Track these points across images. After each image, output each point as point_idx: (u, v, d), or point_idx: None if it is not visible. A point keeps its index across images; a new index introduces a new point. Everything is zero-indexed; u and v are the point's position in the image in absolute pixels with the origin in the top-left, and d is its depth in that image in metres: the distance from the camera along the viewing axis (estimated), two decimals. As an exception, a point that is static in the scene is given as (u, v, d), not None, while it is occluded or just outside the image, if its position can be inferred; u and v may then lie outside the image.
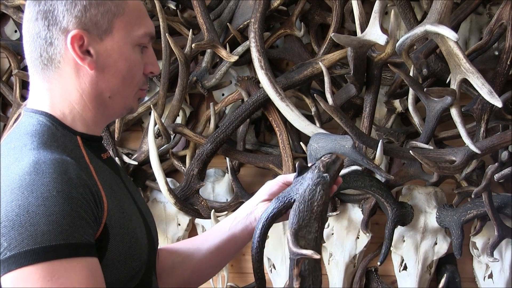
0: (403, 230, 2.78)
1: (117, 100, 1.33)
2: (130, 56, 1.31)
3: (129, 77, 1.32)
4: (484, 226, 2.74)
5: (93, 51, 1.28)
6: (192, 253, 1.60)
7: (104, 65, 1.29)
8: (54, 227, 1.12)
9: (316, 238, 1.37)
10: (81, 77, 1.30)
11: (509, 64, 2.47)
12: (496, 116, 2.55)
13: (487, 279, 2.82)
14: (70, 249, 1.13)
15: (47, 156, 1.18)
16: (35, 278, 1.10)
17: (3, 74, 2.92)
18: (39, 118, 1.29)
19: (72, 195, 1.15)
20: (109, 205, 1.24)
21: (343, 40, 2.31)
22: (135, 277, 1.29)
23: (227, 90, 2.94)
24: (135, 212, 1.36)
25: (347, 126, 2.38)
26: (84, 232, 1.15)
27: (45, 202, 1.12)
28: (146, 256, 1.34)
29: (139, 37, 1.31)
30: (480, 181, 2.51)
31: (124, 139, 2.99)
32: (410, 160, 2.54)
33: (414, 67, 2.44)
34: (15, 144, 1.24)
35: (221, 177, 2.93)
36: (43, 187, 1.13)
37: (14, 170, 1.16)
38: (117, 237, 1.24)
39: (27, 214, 1.11)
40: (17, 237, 1.11)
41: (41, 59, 1.31)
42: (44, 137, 1.25)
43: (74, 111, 1.31)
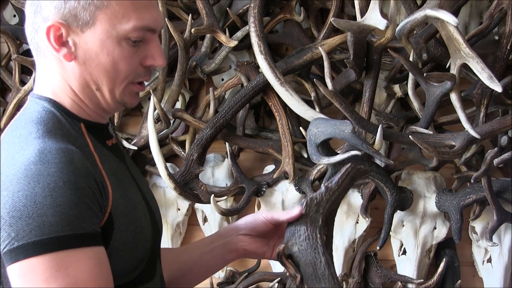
0: (402, 214, 2.78)
1: (104, 93, 1.31)
2: (114, 50, 1.27)
3: (113, 71, 1.29)
4: (483, 211, 2.75)
5: (72, 43, 1.26)
6: (177, 257, 1.61)
7: (85, 58, 1.27)
8: (61, 218, 1.12)
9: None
10: (64, 67, 1.29)
11: (509, 49, 2.47)
12: (495, 101, 2.55)
13: (486, 263, 2.83)
14: (77, 239, 1.13)
15: (53, 145, 1.18)
16: (43, 268, 1.11)
17: (2, 59, 2.92)
18: (44, 104, 1.29)
19: (79, 185, 1.15)
20: (113, 194, 1.24)
21: (342, 25, 2.30)
22: (139, 265, 1.30)
23: (227, 75, 2.93)
24: (140, 200, 1.36)
25: (346, 111, 2.38)
26: (90, 222, 1.16)
27: (52, 192, 1.12)
28: (150, 244, 1.34)
29: (127, 31, 1.26)
30: (480, 166, 2.51)
31: (124, 124, 2.99)
32: (410, 145, 2.54)
33: (414, 52, 2.43)
34: (21, 132, 1.23)
35: (220, 162, 2.93)
36: (50, 178, 1.13)
37: (19, 159, 1.16)
38: (122, 226, 1.24)
39: (34, 204, 1.11)
40: (24, 227, 1.11)
41: (33, 45, 1.31)
42: (49, 124, 1.24)
43: (70, 100, 1.31)
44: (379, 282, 2.82)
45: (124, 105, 1.36)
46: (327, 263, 1.28)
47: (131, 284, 1.29)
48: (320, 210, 1.39)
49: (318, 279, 1.28)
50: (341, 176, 1.47)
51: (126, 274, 1.27)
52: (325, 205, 1.39)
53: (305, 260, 1.31)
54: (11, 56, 2.76)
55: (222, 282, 2.90)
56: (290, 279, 2.79)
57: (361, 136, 2.48)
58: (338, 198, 1.44)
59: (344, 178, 1.46)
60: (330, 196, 1.42)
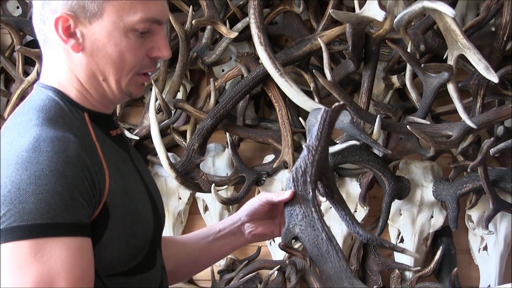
0: (400, 203, 2.79)
1: (111, 84, 1.31)
2: (121, 41, 1.27)
3: (120, 61, 1.28)
4: (480, 200, 2.75)
5: (80, 34, 1.26)
6: (170, 254, 1.59)
7: (92, 49, 1.27)
8: (42, 206, 1.12)
9: None
10: (71, 58, 1.29)
11: (506, 40, 2.47)
12: (492, 92, 2.56)
13: (482, 251, 2.84)
14: (56, 228, 1.13)
15: (49, 133, 1.18)
16: (19, 253, 1.11)
17: (6, 50, 2.92)
18: (48, 93, 1.29)
19: (66, 174, 1.14)
20: (111, 184, 1.23)
21: (341, 16, 2.31)
22: (138, 255, 1.30)
23: (227, 66, 2.93)
24: (141, 190, 1.35)
25: (345, 101, 2.38)
26: (75, 212, 1.15)
27: (37, 180, 1.12)
28: (150, 234, 1.33)
29: (134, 22, 1.26)
30: (476, 155, 2.51)
31: (126, 115, 2.99)
32: (407, 135, 2.54)
33: (412, 43, 2.43)
34: (22, 119, 1.24)
35: (221, 151, 2.93)
36: (37, 165, 1.13)
37: (15, 146, 1.16)
38: (118, 216, 1.24)
39: (18, 191, 1.12)
40: (6, 213, 1.11)
41: (40, 36, 1.31)
42: (51, 112, 1.24)
43: (76, 90, 1.31)
44: (377, 270, 2.83)
45: (130, 96, 1.35)
46: (328, 238, 1.25)
47: (131, 272, 1.29)
48: (308, 179, 1.35)
49: (324, 258, 1.25)
50: (318, 127, 1.36)
51: (124, 263, 1.27)
52: (311, 170, 1.35)
53: (308, 240, 1.28)
54: (15, 47, 2.76)
55: (223, 269, 2.91)
56: (290, 267, 2.80)
57: (360, 126, 2.49)
58: (323, 152, 1.37)
59: (322, 128, 1.36)
60: (314, 155, 1.35)
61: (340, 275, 1.20)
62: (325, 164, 1.38)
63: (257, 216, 1.57)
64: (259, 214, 1.57)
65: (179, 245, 1.63)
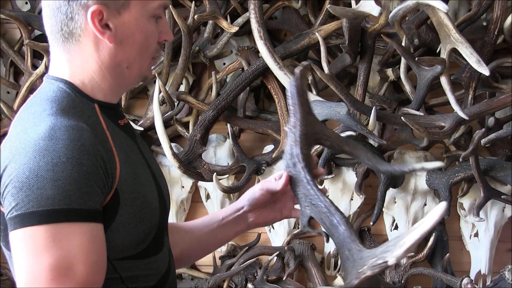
0: (394, 192, 2.80)
1: (133, 70, 1.33)
2: (146, 27, 1.30)
3: (145, 47, 1.32)
4: (471, 188, 2.76)
5: (112, 25, 1.27)
6: (175, 240, 1.60)
7: (123, 38, 1.29)
8: (59, 192, 1.12)
9: None
10: (100, 50, 1.29)
11: (497, 34, 2.47)
12: (483, 84, 2.56)
13: (473, 237, 2.84)
14: (73, 214, 1.14)
15: (64, 122, 1.18)
16: (38, 238, 1.12)
17: (15, 44, 2.92)
18: (59, 85, 1.29)
19: (82, 161, 1.15)
20: (121, 171, 1.24)
21: (338, 11, 2.31)
22: (146, 238, 1.30)
23: (228, 59, 2.93)
24: (148, 177, 1.36)
25: (342, 94, 2.39)
26: (89, 198, 1.16)
27: (54, 167, 1.13)
28: (157, 219, 1.34)
29: (154, 8, 1.31)
30: (468, 145, 2.52)
31: (131, 106, 2.99)
32: (402, 126, 2.55)
33: (406, 37, 2.43)
34: (35, 109, 1.24)
35: (222, 142, 2.93)
36: (54, 153, 1.13)
37: (31, 134, 1.17)
38: (128, 202, 1.24)
39: (36, 177, 1.12)
40: (24, 198, 1.12)
41: (61, 32, 1.30)
42: (63, 103, 1.25)
43: (93, 81, 1.31)
44: (372, 256, 2.84)
45: (145, 79, 1.40)
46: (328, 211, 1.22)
47: (140, 256, 1.30)
48: (296, 160, 1.33)
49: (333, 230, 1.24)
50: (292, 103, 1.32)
51: (134, 246, 1.28)
52: (297, 150, 1.33)
53: (317, 217, 1.26)
54: (23, 41, 2.76)
55: (224, 255, 2.91)
56: (289, 253, 2.81)
57: (356, 117, 2.49)
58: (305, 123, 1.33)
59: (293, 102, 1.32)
60: (295, 133, 1.33)
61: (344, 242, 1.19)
62: (315, 130, 1.36)
63: (259, 206, 1.58)
64: (260, 203, 1.57)
65: (184, 231, 1.64)
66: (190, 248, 1.62)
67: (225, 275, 2.78)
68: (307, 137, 1.34)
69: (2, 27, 2.98)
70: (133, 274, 1.28)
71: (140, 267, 1.30)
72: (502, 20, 2.44)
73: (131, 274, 1.27)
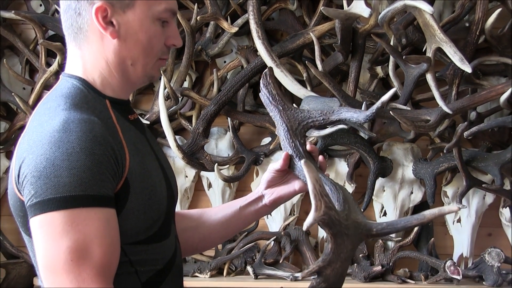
0: (383, 181, 2.81)
1: (138, 68, 1.32)
2: (150, 28, 1.29)
3: (149, 47, 1.31)
4: (454, 177, 2.78)
5: (115, 22, 1.27)
6: (203, 222, 1.60)
7: (126, 35, 1.28)
8: (75, 180, 1.13)
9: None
10: (105, 45, 1.29)
11: (478, 34, 2.47)
12: (466, 81, 2.56)
13: (456, 223, 2.85)
14: (88, 199, 1.14)
15: (76, 116, 1.19)
16: (57, 223, 1.12)
17: (30, 43, 2.92)
18: (74, 82, 1.30)
19: (95, 151, 1.15)
20: (131, 161, 1.24)
21: (331, 13, 2.31)
22: (154, 225, 1.30)
23: (229, 57, 2.94)
24: (156, 168, 1.36)
25: (334, 90, 2.40)
26: (103, 185, 1.16)
27: (69, 157, 1.13)
28: (165, 207, 1.34)
29: (159, 12, 1.29)
30: (451, 138, 2.52)
31: (138, 101, 2.99)
32: (390, 120, 2.55)
33: (394, 37, 2.44)
34: (51, 104, 1.24)
35: (223, 134, 2.93)
36: (69, 144, 1.14)
37: (46, 127, 1.17)
38: (137, 190, 1.24)
39: (53, 166, 1.13)
40: (42, 186, 1.12)
41: (72, 28, 1.30)
42: (76, 99, 1.25)
43: (102, 78, 1.31)
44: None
45: (151, 79, 1.38)
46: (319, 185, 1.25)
47: (148, 241, 1.30)
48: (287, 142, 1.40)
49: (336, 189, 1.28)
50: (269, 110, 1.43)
51: (142, 232, 1.28)
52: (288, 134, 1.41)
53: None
54: (38, 41, 2.76)
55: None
56: (285, 238, 2.81)
57: (347, 111, 2.50)
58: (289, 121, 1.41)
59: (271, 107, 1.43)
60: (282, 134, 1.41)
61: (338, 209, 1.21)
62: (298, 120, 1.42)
63: (273, 183, 1.56)
64: (273, 181, 1.55)
65: (210, 214, 1.63)
66: (218, 228, 1.61)
67: (225, 258, 2.79)
68: (294, 131, 1.40)
69: (18, 28, 2.98)
70: (141, 258, 1.27)
71: (148, 251, 1.30)
72: (483, 22, 2.44)
73: (140, 258, 1.27)
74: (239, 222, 1.61)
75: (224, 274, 2.80)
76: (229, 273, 2.81)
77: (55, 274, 1.12)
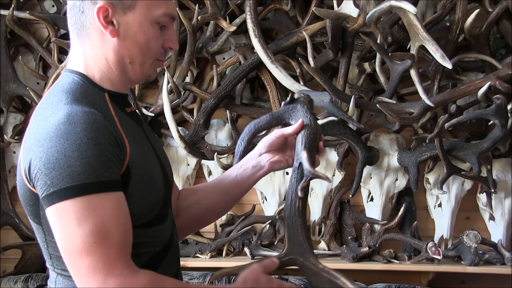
0: (370, 169, 2.81)
1: (136, 66, 1.31)
2: (148, 31, 1.28)
3: (146, 48, 1.30)
4: (436, 165, 2.78)
5: (116, 22, 1.26)
6: (205, 196, 1.59)
7: (125, 35, 1.27)
8: (87, 168, 1.13)
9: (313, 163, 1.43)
10: (105, 43, 1.28)
11: (458, 33, 2.48)
12: (447, 76, 2.57)
13: (437, 207, 2.86)
14: (101, 185, 1.14)
15: (79, 109, 1.18)
16: (75, 209, 1.12)
17: (44, 41, 2.91)
18: (74, 77, 1.29)
19: (100, 140, 1.15)
20: (131, 150, 1.24)
21: (322, 13, 2.31)
22: (152, 210, 1.30)
23: (227, 54, 2.93)
24: (153, 156, 1.35)
25: (325, 84, 2.40)
26: (112, 171, 1.16)
27: (79, 147, 1.13)
28: (162, 192, 1.33)
29: (159, 16, 1.28)
30: (433, 129, 2.53)
31: (143, 95, 2.99)
32: (377, 112, 2.55)
33: (381, 35, 2.44)
34: (53, 100, 1.24)
35: (222, 126, 2.94)
36: (76, 135, 1.14)
37: (51, 121, 1.17)
38: (137, 176, 1.24)
39: (65, 157, 1.12)
40: (57, 176, 1.12)
41: (76, 25, 1.30)
42: (77, 93, 1.24)
43: (102, 73, 1.30)
44: (351, 223, 2.85)
45: (148, 78, 1.36)
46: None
47: (147, 225, 1.30)
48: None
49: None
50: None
51: (142, 217, 1.28)
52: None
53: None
54: (51, 39, 2.76)
55: (224, 223, 2.92)
56: (279, 221, 2.82)
57: (338, 104, 2.50)
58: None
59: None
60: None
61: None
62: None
63: (273, 147, 1.54)
64: (274, 145, 1.54)
65: (210, 186, 1.61)
66: (219, 199, 1.59)
67: (224, 240, 2.80)
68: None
69: (32, 27, 2.97)
70: (141, 241, 1.27)
71: (148, 234, 1.30)
72: (463, 21, 2.44)
73: (140, 240, 1.26)
74: (237, 189, 1.58)
75: (223, 255, 2.81)
76: (228, 254, 2.82)
77: (82, 257, 1.13)
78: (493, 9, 2.45)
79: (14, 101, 2.92)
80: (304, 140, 1.44)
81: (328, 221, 2.86)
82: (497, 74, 2.38)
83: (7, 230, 2.91)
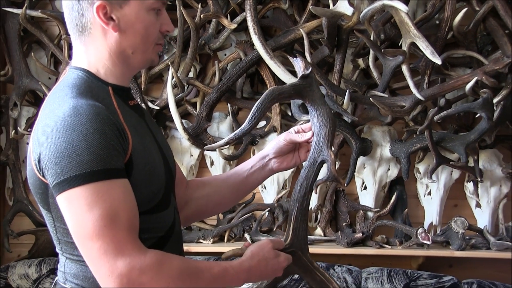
0: (364, 159, 2.82)
1: (138, 54, 1.32)
2: (145, 18, 1.29)
3: (146, 35, 1.31)
4: (426, 156, 2.79)
5: (115, 17, 1.26)
6: (216, 190, 1.61)
7: (126, 27, 1.28)
8: (95, 157, 1.14)
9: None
10: (108, 38, 1.28)
11: (447, 31, 2.47)
12: (436, 71, 2.57)
13: (427, 195, 2.87)
14: (109, 173, 1.15)
15: (84, 102, 1.19)
16: (85, 196, 1.13)
17: (55, 38, 2.91)
18: (79, 73, 1.29)
19: (105, 131, 1.16)
20: (133, 140, 1.24)
21: (319, 11, 2.31)
22: (155, 197, 1.31)
23: (228, 51, 2.93)
24: (155, 147, 1.36)
25: (321, 79, 2.40)
26: (117, 159, 1.18)
27: (85, 137, 1.14)
28: (164, 181, 1.34)
29: (152, 3, 1.29)
30: (424, 121, 2.53)
31: (149, 89, 2.98)
32: (370, 105, 2.56)
33: (374, 33, 2.44)
34: (59, 94, 1.24)
35: (224, 118, 2.94)
36: (82, 126, 1.15)
37: (57, 114, 1.18)
38: (140, 166, 1.25)
39: (73, 147, 1.13)
40: (67, 165, 1.13)
41: (77, 27, 1.29)
42: (82, 88, 1.25)
43: (105, 67, 1.31)
44: (346, 211, 2.85)
45: (151, 63, 1.38)
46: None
47: (150, 211, 1.31)
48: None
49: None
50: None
51: (145, 204, 1.28)
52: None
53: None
54: (62, 36, 2.76)
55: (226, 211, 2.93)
56: (278, 209, 2.83)
57: (333, 98, 2.51)
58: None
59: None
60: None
61: None
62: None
63: (282, 153, 1.57)
64: (283, 151, 1.56)
65: (222, 181, 1.63)
66: (229, 194, 1.62)
67: (226, 227, 2.82)
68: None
69: (44, 25, 2.97)
70: (145, 227, 1.27)
71: (151, 220, 1.31)
72: (451, 20, 2.44)
73: (143, 226, 1.26)
74: (246, 187, 1.63)
75: (225, 240, 2.83)
76: (229, 239, 2.84)
77: (93, 240, 1.14)
78: (480, 8, 2.45)
79: (27, 95, 2.92)
80: (330, 138, 1.44)
81: (324, 208, 2.86)
82: (483, 70, 2.38)
83: (21, 216, 2.93)
